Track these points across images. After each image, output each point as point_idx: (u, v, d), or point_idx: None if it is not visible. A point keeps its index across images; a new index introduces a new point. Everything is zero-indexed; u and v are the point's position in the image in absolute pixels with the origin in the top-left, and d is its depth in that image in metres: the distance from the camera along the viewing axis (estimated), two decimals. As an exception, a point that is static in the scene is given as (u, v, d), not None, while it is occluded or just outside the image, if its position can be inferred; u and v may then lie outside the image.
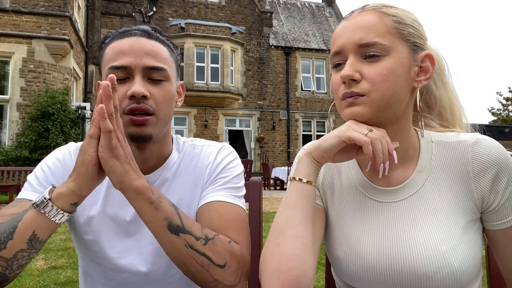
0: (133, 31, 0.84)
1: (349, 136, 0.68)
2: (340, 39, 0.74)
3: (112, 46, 0.83)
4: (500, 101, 27.60)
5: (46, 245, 4.01)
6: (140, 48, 0.81)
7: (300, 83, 18.03)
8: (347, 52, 0.72)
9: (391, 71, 0.70)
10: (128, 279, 0.85)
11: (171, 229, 0.71)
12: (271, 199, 8.77)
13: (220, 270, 0.74)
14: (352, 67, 0.71)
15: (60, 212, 0.69)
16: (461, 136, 0.76)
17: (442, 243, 0.69)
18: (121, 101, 0.79)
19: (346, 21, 0.75)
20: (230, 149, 0.96)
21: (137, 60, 0.80)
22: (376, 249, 0.73)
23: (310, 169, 0.71)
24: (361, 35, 0.71)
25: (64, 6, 9.73)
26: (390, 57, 0.70)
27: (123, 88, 0.80)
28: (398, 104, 0.72)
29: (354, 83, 0.71)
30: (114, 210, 0.86)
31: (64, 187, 0.69)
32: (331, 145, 0.70)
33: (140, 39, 0.82)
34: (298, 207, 0.69)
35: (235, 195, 0.87)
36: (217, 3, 17.16)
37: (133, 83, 0.80)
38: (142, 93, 0.78)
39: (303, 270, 0.65)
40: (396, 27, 0.71)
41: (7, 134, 9.36)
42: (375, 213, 0.77)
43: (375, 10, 0.73)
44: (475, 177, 0.72)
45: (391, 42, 0.70)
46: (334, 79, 0.76)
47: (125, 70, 0.80)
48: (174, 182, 0.90)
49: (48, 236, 0.70)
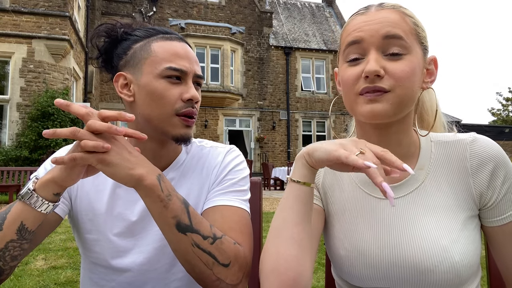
0: (175, 36, 0.89)
1: (337, 156, 0.62)
2: (361, 31, 0.72)
3: (163, 46, 0.85)
4: (500, 101, 27.65)
5: (46, 245, 4.01)
6: (192, 55, 0.88)
7: (300, 83, 18.03)
8: (369, 45, 0.72)
9: (413, 69, 0.71)
10: (130, 278, 0.85)
11: (179, 227, 0.71)
12: (271, 199, 8.77)
13: (223, 269, 0.74)
14: (377, 62, 0.70)
15: (45, 203, 0.68)
16: (459, 136, 0.78)
17: (443, 237, 0.70)
18: (174, 102, 0.83)
19: (364, 16, 0.74)
20: (237, 151, 0.97)
21: (192, 67, 0.86)
22: (378, 246, 0.74)
23: (305, 170, 0.71)
24: (388, 29, 0.71)
25: (64, 6, 9.73)
26: (410, 56, 0.71)
27: (177, 90, 0.84)
28: (412, 103, 0.74)
29: (378, 78, 0.70)
30: (119, 210, 0.86)
31: (48, 175, 0.69)
32: (319, 158, 0.66)
33: (186, 46, 0.89)
34: (295, 208, 0.69)
35: (240, 199, 0.87)
36: (217, 3, 17.16)
37: (189, 87, 0.85)
38: (198, 98, 0.86)
39: (300, 270, 0.66)
40: (414, 29, 0.73)
41: (7, 134, 9.36)
42: (376, 210, 0.77)
43: (396, 9, 0.74)
44: (473, 173, 0.74)
45: (411, 42, 0.72)
46: (349, 73, 0.74)
47: (181, 73, 0.84)
48: (180, 182, 0.90)
49: (36, 226, 0.70)
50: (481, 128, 17.87)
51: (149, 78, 0.83)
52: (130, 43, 0.87)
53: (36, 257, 3.59)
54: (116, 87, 0.86)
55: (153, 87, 0.82)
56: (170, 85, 0.83)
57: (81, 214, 0.87)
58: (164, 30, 0.89)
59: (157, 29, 0.89)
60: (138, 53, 0.85)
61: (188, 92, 0.84)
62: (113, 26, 0.89)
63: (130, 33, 0.88)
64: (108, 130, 0.65)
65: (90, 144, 0.64)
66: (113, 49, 0.89)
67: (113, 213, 0.86)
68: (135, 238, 0.86)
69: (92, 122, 0.65)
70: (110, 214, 0.86)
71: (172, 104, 0.82)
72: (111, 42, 0.89)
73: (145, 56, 0.84)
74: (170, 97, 0.82)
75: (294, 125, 17.77)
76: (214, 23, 16.64)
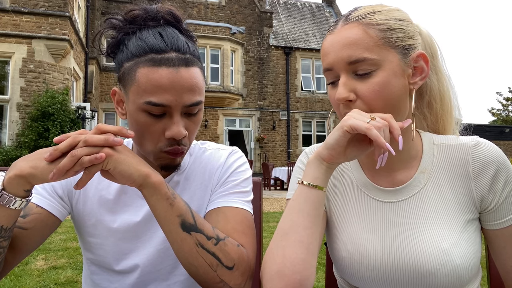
0: (171, 57, 0.74)
1: (350, 124, 0.65)
2: (328, 57, 0.73)
3: (146, 74, 0.73)
4: (500, 101, 27.66)
5: (46, 245, 4.01)
6: (180, 85, 0.74)
7: (300, 83, 18.03)
8: (338, 70, 0.73)
9: (384, 85, 0.70)
10: (133, 280, 0.85)
11: (184, 227, 0.71)
12: (271, 199, 8.77)
13: (228, 272, 0.74)
14: (345, 87, 0.71)
15: (18, 200, 0.66)
16: (461, 139, 0.78)
17: (444, 240, 0.70)
18: (157, 138, 0.76)
19: (331, 36, 0.74)
20: (240, 153, 0.96)
21: (178, 99, 0.74)
22: (380, 248, 0.74)
23: (318, 172, 0.70)
24: (349, 53, 0.70)
25: (64, 6, 9.73)
26: (381, 70, 0.70)
27: (159, 125, 0.75)
28: (399, 112, 0.73)
29: (351, 103, 0.72)
30: (124, 216, 0.86)
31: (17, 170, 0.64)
32: (335, 139, 0.67)
33: (179, 72, 0.74)
34: (304, 211, 0.69)
35: (243, 200, 0.87)
36: (217, 3, 17.16)
37: (172, 122, 0.75)
38: (183, 135, 0.76)
39: (306, 274, 0.66)
40: (383, 37, 0.70)
41: (7, 134, 9.36)
42: (378, 213, 0.78)
43: (359, 22, 0.71)
44: (475, 177, 0.74)
45: (380, 54, 0.70)
46: (332, 96, 0.76)
47: (164, 108, 0.74)
48: (184, 185, 0.90)
49: (13, 223, 0.68)
50: (481, 128, 17.86)
51: (133, 107, 0.76)
52: (122, 58, 0.78)
53: (36, 257, 3.59)
54: (113, 100, 0.84)
55: (136, 118, 0.76)
56: (152, 120, 0.75)
57: (83, 218, 0.87)
58: (157, 46, 0.74)
59: (149, 43, 0.75)
60: (127, 75, 0.76)
61: (170, 129, 0.75)
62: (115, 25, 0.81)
63: (124, 41, 0.79)
64: (105, 143, 0.66)
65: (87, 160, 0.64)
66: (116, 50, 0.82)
67: (117, 219, 0.86)
68: (138, 241, 0.86)
69: (89, 136, 0.65)
70: (114, 221, 0.86)
71: (155, 141, 0.77)
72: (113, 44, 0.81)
73: (130, 82, 0.75)
74: (151, 133, 0.76)
75: (294, 125, 17.78)
76: (214, 23, 16.63)
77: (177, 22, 0.81)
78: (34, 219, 0.78)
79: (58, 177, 0.64)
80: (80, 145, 0.65)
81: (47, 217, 0.81)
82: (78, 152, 0.64)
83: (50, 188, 0.84)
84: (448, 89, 0.82)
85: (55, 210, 0.83)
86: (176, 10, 0.81)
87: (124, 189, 0.87)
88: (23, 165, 0.64)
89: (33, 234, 0.78)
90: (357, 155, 0.70)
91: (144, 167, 0.69)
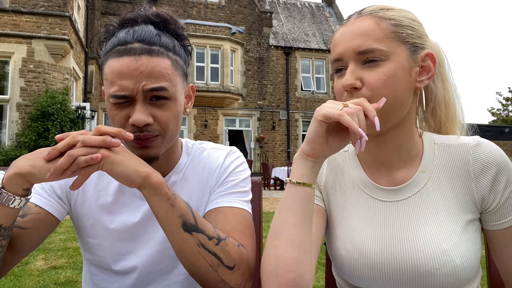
0: (133, 47, 0.75)
1: (323, 113, 0.65)
2: (339, 47, 0.74)
3: (110, 65, 0.76)
4: (500, 101, 27.66)
5: (46, 245, 4.01)
6: (140, 71, 0.74)
7: (300, 83, 18.03)
8: (347, 59, 0.73)
9: (391, 75, 0.70)
10: (132, 280, 0.85)
11: (185, 227, 0.71)
12: (271, 199, 8.77)
13: (228, 272, 0.74)
14: (352, 74, 0.71)
15: (17, 198, 0.66)
16: (462, 139, 0.78)
17: (444, 240, 0.70)
18: (123, 125, 0.76)
19: (344, 28, 0.75)
20: (238, 153, 0.96)
21: (137, 85, 0.74)
22: (380, 247, 0.74)
23: (304, 168, 0.70)
24: (359, 42, 0.71)
25: (64, 6, 9.73)
26: (389, 62, 0.71)
27: (123, 112, 0.76)
28: (401, 107, 0.73)
29: (356, 91, 0.72)
30: (122, 217, 0.86)
31: (16, 169, 0.64)
32: (313, 131, 0.67)
33: (140, 59, 0.74)
34: (293, 210, 0.69)
35: (242, 200, 0.87)
36: (217, 3, 17.15)
37: (134, 109, 0.75)
38: (144, 122, 0.74)
39: (300, 272, 0.66)
40: (394, 31, 0.72)
41: (7, 134, 9.36)
42: (378, 212, 0.78)
43: (372, 15, 0.73)
44: (476, 177, 0.74)
45: (390, 47, 0.71)
46: (337, 85, 0.76)
47: (126, 96, 0.75)
48: (182, 185, 0.90)
49: (12, 222, 0.68)
50: (481, 128, 17.79)
51: (107, 101, 0.79)
52: (102, 57, 0.81)
53: (36, 257, 3.58)
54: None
55: (109, 111, 0.78)
56: (117, 109, 0.76)
57: (82, 219, 0.87)
58: (123, 39, 0.76)
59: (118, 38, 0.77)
60: (102, 71, 0.80)
61: (132, 117, 0.75)
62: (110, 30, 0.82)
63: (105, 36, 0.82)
64: (102, 144, 0.65)
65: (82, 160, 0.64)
66: None
67: (115, 220, 0.86)
68: (137, 242, 0.86)
69: (87, 137, 0.65)
70: (112, 221, 0.86)
71: (122, 127, 0.76)
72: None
73: (103, 77, 0.79)
74: (118, 123, 0.77)
75: (294, 125, 17.77)
76: (214, 23, 16.62)
77: (163, 22, 0.81)
78: (33, 219, 0.78)
79: (55, 176, 0.63)
80: (78, 145, 0.65)
81: (46, 217, 0.81)
82: (75, 152, 0.63)
83: (49, 188, 0.84)
84: (454, 97, 0.83)
85: (54, 210, 0.83)
86: (168, 12, 0.83)
87: (122, 190, 0.87)
88: (23, 164, 0.64)
89: (32, 234, 0.78)
90: (341, 145, 0.70)
91: (143, 168, 0.68)
